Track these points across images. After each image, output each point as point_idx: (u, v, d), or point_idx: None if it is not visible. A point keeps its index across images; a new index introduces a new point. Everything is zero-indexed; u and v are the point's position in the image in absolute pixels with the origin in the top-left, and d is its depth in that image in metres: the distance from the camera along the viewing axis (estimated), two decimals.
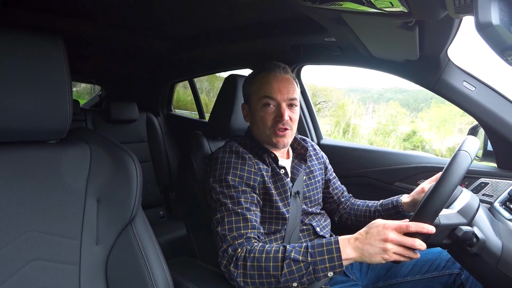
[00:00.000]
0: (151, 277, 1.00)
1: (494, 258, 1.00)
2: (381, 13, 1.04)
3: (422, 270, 1.39)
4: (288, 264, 1.06)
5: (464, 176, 1.00)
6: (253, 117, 1.38)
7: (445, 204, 0.99)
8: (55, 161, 0.95)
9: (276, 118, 1.33)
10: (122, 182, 1.02)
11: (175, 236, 2.59)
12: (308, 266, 1.04)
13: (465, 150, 1.01)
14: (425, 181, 1.43)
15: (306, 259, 1.05)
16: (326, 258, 1.03)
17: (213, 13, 1.82)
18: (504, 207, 1.44)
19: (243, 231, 1.19)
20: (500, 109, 1.52)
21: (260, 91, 1.34)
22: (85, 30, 2.11)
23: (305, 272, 1.04)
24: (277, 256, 1.08)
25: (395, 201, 1.48)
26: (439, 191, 0.97)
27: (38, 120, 0.89)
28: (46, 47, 0.88)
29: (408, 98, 4.37)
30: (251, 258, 1.10)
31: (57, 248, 0.92)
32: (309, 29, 1.72)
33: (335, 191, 1.66)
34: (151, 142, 3.18)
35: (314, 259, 1.04)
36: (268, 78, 1.35)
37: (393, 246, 0.98)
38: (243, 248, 1.13)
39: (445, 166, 1.01)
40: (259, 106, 1.34)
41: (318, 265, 1.04)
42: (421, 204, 1.01)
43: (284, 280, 1.06)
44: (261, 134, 1.37)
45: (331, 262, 1.03)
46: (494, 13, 0.67)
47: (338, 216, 1.65)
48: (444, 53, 1.51)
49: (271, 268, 1.07)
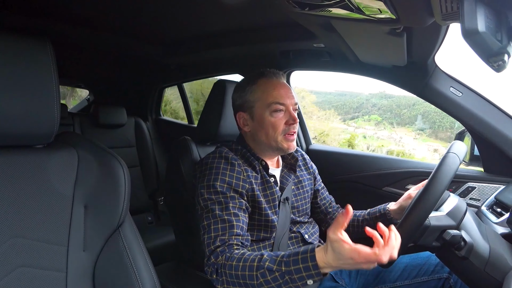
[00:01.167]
0: (139, 283, 0.98)
1: (481, 261, 1.01)
2: (370, 19, 1.05)
3: (411, 275, 1.39)
4: (262, 274, 1.03)
5: (452, 180, 1.01)
6: (260, 124, 1.36)
7: (434, 206, 1.00)
8: (42, 166, 0.94)
9: (289, 122, 1.34)
10: (110, 187, 1.00)
11: (163, 241, 2.57)
12: (283, 276, 1.01)
13: (454, 152, 1.02)
14: (412, 188, 1.44)
15: (281, 269, 1.01)
16: (301, 267, 0.99)
17: (203, 19, 1.82)
18: (491, 211, 1.46)
19: (227, 237, 1.18)
20: (487, 115, 1.55)
21: (269, 97, 1.33)
22: (73, 34, 2.10)
23: (282, 282, 1.01)
24: (253, 265, 1.05)
25: (382, 209, 1.49)
26: (430, 191, 0.98)
27: (25, 124, 0.87)
28: (34, 50, 0.87)
29: (392, 104, 4.41)
30: (228, 266, 1.09)
31: (44, 254, 0.90)
32: (298, 35, 1.73)
33: (323, 201, 1.65)
34: (140, 147, 3.15)
35: (289, 269, 1.00)
36: (273, 84, 1.36)
37: (367, 267, 0.93)
38: (223, 256, 1.12)
39: (435, 168, 1.02)
40: (268, 112, 1.33)
41: (293, 275, 1.00)
42: (412, 205, 1.02)
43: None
44: (271, 140, 1.35)
45: (307, 271, 0.99)
46: (480, 20, 0.68)
47: (326, 226, 1.64)
48: (431, 59, 1.53)
49: (247, 277, 1.05)
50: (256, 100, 1.36)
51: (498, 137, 1.54)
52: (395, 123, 4.00)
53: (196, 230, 1.37)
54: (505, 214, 1.37)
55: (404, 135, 3.89)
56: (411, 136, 3.85)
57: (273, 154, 1.44)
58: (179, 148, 1.53)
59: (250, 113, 1.38)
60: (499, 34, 0.74)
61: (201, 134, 1.62)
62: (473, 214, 1.13)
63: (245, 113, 1.39)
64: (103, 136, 2.95)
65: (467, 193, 1.67)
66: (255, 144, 1.41)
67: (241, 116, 1.41)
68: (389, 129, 3.98)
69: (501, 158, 1.58)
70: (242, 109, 1.40)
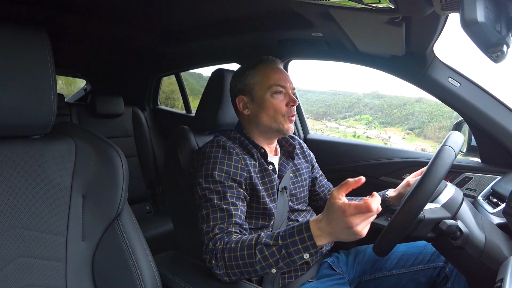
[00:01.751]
0: (138, 272, 0.99)
1: (477, 251, 1.02)
2: (368, 8, 1.04)
3: (407, 264, 1.41)
4: (260, 249, 1.04)
5: (449, 170, 1.01)
6: (260, 106, 1.38)
7: (430, 199, 1.01)
8: (40, 157, 0.94)
9: (289, 104, 1.37)
10: (108, 177, 1.00)
11: (161, 231, 2.58)
12: (280, 250, 1.02)
13: (450, 146, 1.02)
14: (410, 175, 1.44)
15: (278, 243, 1.03)
16: (297, 239, 1.00)
17: (201, 7, 1.81)
18: (487, 201, 1.47)
19: (226, 225, 1.19)
20: (484, 105, 1.55)
21: (269, 79, 1.37)
22: (70, 23, 2.08)
23: (279, 257, 1.02)
24: (251, 243, 1.07)
25: (382, 195, 1.49)
26: (424, 186, 0.98)
27: (22, 115, 0.87)
28: (29, 40, 0.86)
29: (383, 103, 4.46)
30: (227, 249, 1.10)
31: (43, 244, 0.90)
32: (296, 23, 1.72)
33: (322, 188, 1.67)
34: (137, 136, 3.15)
35: (285, 242, 1.01)
36: (273, 68, 1.40)
37: (361, 229, 0.91)
38: (222, 241, 1.14)
39: (430, 161, 1.03)
40: (269, 94, 1.36)
41: (290, 248, 1.00)
42: (405, 199, 1.02)
43: (260, 267, 1.05)
44: (272, 121, 1.38)
45: (303, 243, 0.99)
46: (479, 11, 0.68)
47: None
48: (430, 49, 1.52)
49: (245, 256, 1.06)
50: (256, 83, 1.38)
51: (496, 127, 1.54)
52: (385, 122, 4.02)
53: (194, 219, 1.38)
54: (501, 205, 1.38)
55: (393, 134, 3.91)
56: (400, 135, 3.88)
57: (272, 136, 1.45)
58: (177, 138, 1.53)
59: (250, 95, 1.40)
60: (498, 24, 0.73)
61: (199, 123, 1.61)
62: (470, 204, 1.13)
63: (245, 96, 1.41)
64: (101, 126, 2.95)
65: (464, 183, 1.67)
66: (254, 129, 1.43)
67: (241, 100, 1.42)
68: (379, 128, 4.00)
69: (498, 149, 1.59)
70: (242, 92, 1.42)
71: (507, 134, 1.53)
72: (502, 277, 0.90)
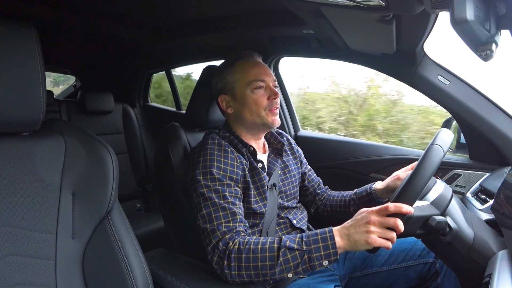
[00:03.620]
0: (129, 270, 0.99)
1: (466, 247, 1.03)
2: (359, 6, 1.04)
3: (398, 260, 1.42)
4: (283, 252, 1.07)
5: (438, 168, 1.02)
6: (242, 103, 1.37)
7: (419, 196, 1.01)
8: (29, 154, 0.93)
9: (271, 97, 1.37)
10: (98, 174, 1.00)
11: (152, 228, 2.57)
12: (303, 255, 1.05)
13: (438, 144, 1.03)
14: (401, 169, 1.45)
15: (301, 248, 1.06)
16: (321, 246, 1.05)
17: (191, 3, 1.80)
18: (476, 198, 1.49)
19: (232, 224, 1.18)
20: (473, 103, 1.56)
21: (248, 76, 1.36)
22: (58, 19, 2.06)
23: (300, 261, 1.06)
24: (273, 246, 1.09)
25: (369, 188, 1.51)
26: (412, 184, 0.99)
27: (10, 112, 0.86)
28: (18, 35, 0.85)
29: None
30: (246, 250, 1.10)
31: (32, 243, 0.90)
32: (287, 21, 1.72)
33: (311, 183, 1.67)
34: (128, 133, 3.13)
35: (309, 247, 1.06)
36: (251, 63, 1.39)
37: (376, 229, 1.00)
38: (236, 241, 1.13)
39: (419, 160, 1.04)
40: (249, 90, 1.36)
41: (313, 253, 1.05)
42: (395, 196, 1.03)
43: (279, 270, 1.07)
44: (255, 117, 1.37)
45: (326, 250, 1.04)
46: (469, 9, 0.69)
47: (315, 208, 1.67)
48: (420, 48, 1.53)
49: (267, 258, 1.08)
50: (236, 81, 1.38)
51: (484, 125, 1.56)
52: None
53: (185, 216, 1.38)
54: (489, 201, 1.39)
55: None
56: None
57: (259, 132, 1.45)
58: (168, 135, 1.52)
59: (231, 94, 1.40)
60: (487, 23, 0.74)
61: (190, 120, 1.61)
62: (459, 201, 1.14)
63: (227, 95, 1.41)
64: (91, 123, 2.92)
65: (453, 180, 1.69)
66: (240, 127, 1.43)
67: (223, 99, 1.42)
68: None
69: (486, 146, 1.61)
70: (223, 91, 1.41)
71: (495, 131, 1.55)
72: (491, 272, 0.91)
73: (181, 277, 1.21)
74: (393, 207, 0.98)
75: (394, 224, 0.98)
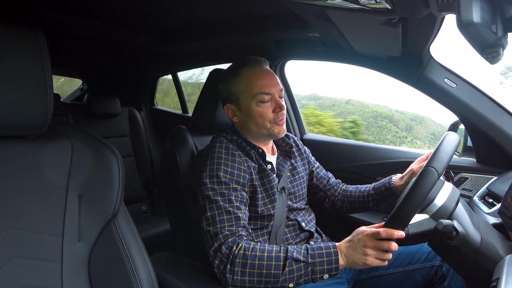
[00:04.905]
0: (134, 272, 0.99)
1: (473, 251, 1.02)
2: (365, 9, 1.04)
3: (404, 263, 1.41)
4: (290, 263, 1.09)
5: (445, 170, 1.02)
6: (248, 114, 1.36)
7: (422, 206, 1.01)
8: (36, 157, 0.93)
9: (276, 110, 1.35)
10: (104, 177, 1.00)
11: (158, 231, 2.58)
12: (307, 267, 1.08)
13: (433, 167, 1.00)
14: (414, 162, 1.45)
15: (307, 260, 1.09)
16: (325, 260, 1.08)
17: (198, 7, 1.80)
18: (483, 201, 1.48)
19: (235, 228, 1.18)
20: (480, 106, 1.56)
21: (253, 88, 1.33)
22: (66, 23, 2.07)
23: (303, 273, 1.08)
24: (279, 255, 1.10)
25: (388, 183, 1.50)
26: (402, 212, 0.99)
27: (17, 115, 0.87)
28: (26, 39, 0.86)
29: (318, 105, 4.73)
30: (252, 256, 1.10)
31: (38, 245, 0.90)
32: (293, 24, 1.72)
33: (320, 180, 1.66)
34: (134, 136, 3.15)
35: (314, 261, 1.08)
36: (256, 73, 1.36)
37: (372, 252, 1.05)
38: (240, 245, 1.13)
39: (410, 184, 1.03)
40: (254, 102, 1.34)
41: (317, 267, 1.08)
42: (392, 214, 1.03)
43: (283, 280, 1.09)
44: (261, 129, 1.37)
45: (329, 264, 1.08)
46: (475, 12, 0.68)
47: (330, 203, 1.66)
48: (426, 50, 1.53)
49: (273, 266, 1.09)
50: (241, 92, 1.36)
51: (491, 128, 1.55)
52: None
53: (192, 219, 1.37)
54: (496, 205, 1.38)
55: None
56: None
57: (267, 139, 1.45)
58: (174, 138, 1.53)
59: (236, 104, 1.39)
60: (494, 26, 0.74)
61: (197, 123, 1.61)
62: (465, 204, 1.13)
63: (232, 105, 1.40)
64: (97, 126, 2.94)
65: (460, 184, 1.68)
66: (247, 133, 1.42)
67: (229, 108, 1.41)
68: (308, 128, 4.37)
69: (493, 149, 1.60)
70: (229, 101, 1.40)
71: (502, 134, 1.54)
72: (498, 276, 0.90)
73: (187, 280, 1.21)
74: (384, 234, 1.02)
75: (388, 248, 1.03)
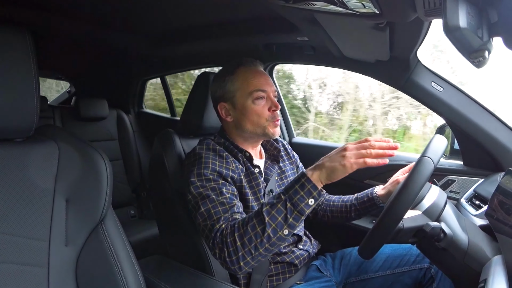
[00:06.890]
0: (123, 277, 0.98)
1: (461, 253, 1.03)
2: (353, 14, 1.05)
3: (393, 265, 1.42)
4: (267, 211, 1.06)
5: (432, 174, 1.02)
6: (243, 113, 1.36)
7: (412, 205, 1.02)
8: (22, 160, 0.92)
9: (271, 108, 1.36)
10: (91, 181, 0.99)
11: (146, 235, 2.56)
12: (285, 204, 1.05)
13: (429, 157, 1.02)
14: (398, 172, 1.45)
15: (281, 198, 1.06)
16: (297, 188, 1.05)
17: (186, 10, 1.80)
18: (470, 203, 1.49)
19: (229, 214, 1.17)
20: (467, 109, 1.57)
21: (249, 85, 1.34)
22: (53, 25, 2.05)
23: (286, 212, 1.04)
24: (257, 211, 1.09)
25: (370, 193, 1.49)
26: (400, 200, 0.99)
27: (3, 117, 0.86)
28: (12, 40, 0.85)
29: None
30: (236, 228, 1.09)
31: (24, 250, 0.89)
32: (282, 28, 1.72)
33: None
34: (122, 140, 3.12)
35: (288, 195, 1.05)
36: (252, 72, 1.37)
37: (351, 153, 1.04)
38: (227, 226, 1.12)
39: (408, 173, 1.04)
40: (250, 100, 1.34)
41: (293, 198, 1.04)
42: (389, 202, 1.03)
43: (272, 230, 1.05)
44: (256, 127, 1.36)
45: (303, 188, 1.04)
46: (462, 17, 0.69)
47: (313, 212, 1.65)
48: (413, 54, 1.54)
49: (256, 225, 1.06)
50: (237, 90, 1.36)
51: (478, 131, 1.56)
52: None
53: (180, 223, 1.37)
54: (483, 207, 1.39)
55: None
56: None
57: (258, 140, 1.45)
58: (163, 141, 1.52)
59: (231, 102, 1.38)
60: (480, 30, 0.75)
61: (185, 127, 1.61)
62: (453, 207, 1.14)
63: (227, 103, 1.39)
64: (85, 129, 2.91)
65: (447, 186, 1.70)
66: (238, 134, 1.41)
67: (223, 107, 1.40)
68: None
69: (480, 152, 1.61)
70: (223, 99, 1.39)
71: (489, 137, 1.56)
72: (485, 277, 0.91)
73: (176, 284, 1.20)
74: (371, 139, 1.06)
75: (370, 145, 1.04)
